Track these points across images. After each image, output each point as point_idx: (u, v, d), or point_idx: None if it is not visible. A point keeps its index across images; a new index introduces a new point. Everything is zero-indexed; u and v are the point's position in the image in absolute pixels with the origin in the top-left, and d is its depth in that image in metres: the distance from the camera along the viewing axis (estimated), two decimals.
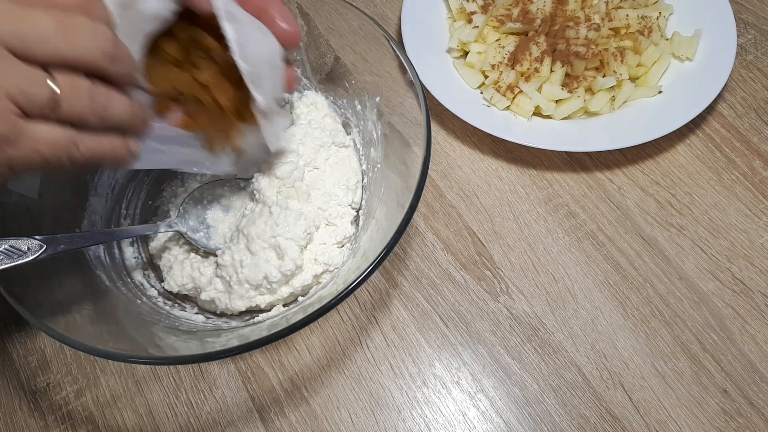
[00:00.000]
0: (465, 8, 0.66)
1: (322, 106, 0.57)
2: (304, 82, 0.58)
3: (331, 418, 0.49)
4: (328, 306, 0.39)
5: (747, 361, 0.50)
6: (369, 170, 0.55)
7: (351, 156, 0.56)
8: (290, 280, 0.49)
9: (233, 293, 0.48)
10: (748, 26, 0.68)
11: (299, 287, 0.49)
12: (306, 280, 0.49)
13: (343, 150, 0.55)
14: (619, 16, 0.63)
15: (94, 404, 0.50)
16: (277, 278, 0.47)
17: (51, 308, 0.42)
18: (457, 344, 0.52)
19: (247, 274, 0.47)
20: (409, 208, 0.42)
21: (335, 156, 0.54)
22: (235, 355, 0.51)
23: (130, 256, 0.53)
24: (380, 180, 0.53)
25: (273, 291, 0.48)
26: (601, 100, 0.60)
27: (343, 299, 0.40)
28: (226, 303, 0.49)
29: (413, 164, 0.45)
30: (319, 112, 0.56)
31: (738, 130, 0.62)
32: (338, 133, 0.55)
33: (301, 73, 0.58)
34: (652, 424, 0.48)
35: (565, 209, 0.58)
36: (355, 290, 0.40)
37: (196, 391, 0.50)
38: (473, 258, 0.55)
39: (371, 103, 0.54)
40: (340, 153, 0.55)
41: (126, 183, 0.56)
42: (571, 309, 0.53)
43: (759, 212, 0.57)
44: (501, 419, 0.49)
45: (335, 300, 0.39)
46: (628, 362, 0.50)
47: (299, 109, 0.56)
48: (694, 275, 0.54)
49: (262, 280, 0.47)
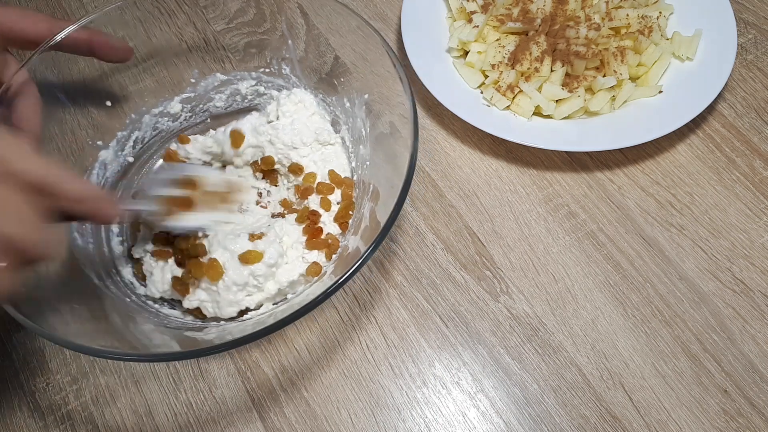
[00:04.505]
0: (465, 8, 0.65)
1: (311, 104, 0.57)
2: (293, 80, 0.59)
3: (330, 419, 0.49)
4: (317, 300, 0.39)
5: (747, 361, 0.50)
6: (358, 167, 0.55)
7: (339, 153, 0.56)
8: (275, 275, 0.49)
9: (221, 301, 0.48)
10: (748, 26, 0.68)
11: (285, 282, 0.49)
12: (293, 276, 0.49)
13: (329, 147, 0.56)
14: (620, 16, 0.63)
15: (93, 404, 0.50)
16: (263, 271, 0.48)
17: (38, 306, 0.42)
18: (457, 344, 0.52)
19: (232, 276, 0.48)
20: (395, 204, 0.42)
21: (319, 153, 0.55)
22: (221, 352, 0.50)
23: (119, 255, 0.53)
24: (369, 177, 0.53)
25: (260, 288, 0.49)
26: (601, 99, 0.60)
27: (332, 293, 0.40)
28: (216, 311, 0.49)
29: (401, 162, 0.45)
30: (307, 110, 0.56)
31: (738, 130, 0.62)
32: (324, 132, 0.55)
33: (290, 71, 0.58)
34: (652, 425, 0.48)
35: (565, 209, 0.58)
36: (342, 285, 0.40)
37: (196, 392, 0.50)
38: (473, 258, 0.55)
39: (360, 101, 0.54)
40: (325, 150, 0.55)
41: (116, 181, 0.56)
42: (572, 309, 0.53)
43: (759, 212, 0.57)
44: (501, 419, 0.49)
45: (324, 294, 0.40)
46: (629, 362, 0.50)
47: (285, 106, 0.56)
48: (694, 275, 0.54)
49: (248, 277, 0.48)
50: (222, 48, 0.60)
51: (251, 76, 0.60)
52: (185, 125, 0.60)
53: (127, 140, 0.57)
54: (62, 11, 0.72)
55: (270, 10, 0.58)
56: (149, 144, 0.59)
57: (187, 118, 0.60)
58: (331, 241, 0.52)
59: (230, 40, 0.60)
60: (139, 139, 0.58)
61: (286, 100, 0.56)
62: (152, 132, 0.59)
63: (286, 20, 0.57)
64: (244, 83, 0.60)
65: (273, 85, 0.60)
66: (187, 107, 0.60)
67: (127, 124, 0.57)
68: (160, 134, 0.59)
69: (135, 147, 0.58)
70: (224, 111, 0.61)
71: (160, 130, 0.59)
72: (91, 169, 0.54)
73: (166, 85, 0.59)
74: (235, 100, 0.61)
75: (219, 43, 0.60)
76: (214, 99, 0.60)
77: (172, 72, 0.59)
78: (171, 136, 0.60)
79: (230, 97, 0.60)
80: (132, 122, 0.57)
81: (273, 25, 0.58)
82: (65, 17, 0.72)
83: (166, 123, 0.59)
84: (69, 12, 0.72)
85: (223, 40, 0.60)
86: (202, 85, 0.59)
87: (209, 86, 0.60)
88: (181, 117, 0.60)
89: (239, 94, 0.60)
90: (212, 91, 0.60)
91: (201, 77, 0.59)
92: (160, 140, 0.59)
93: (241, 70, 0.60)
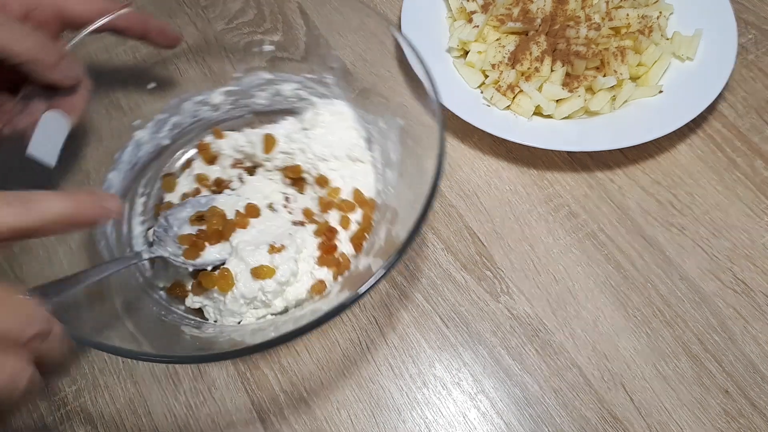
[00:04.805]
0: (465, 8, 0.65)
1: (349, 117, 0.55)
2: (336, 91, 0.57)
3: (330, 420, 0.49)
4: (332, 312, 0.38)
5: (749, 361, 0.50)
6: (383, 191, 0.54)
7: (368, 172, 0.55)
8: (285, 292, 0.49)
9: (224, 311, 0.48)
10: (748, 26, 0.68)
11: (293, 301, 0.49)
12: (300, 293, 0.49)
13: (359, 165, 0.54)
14: (620, 16, 0.63)
15: (92, 405, 0.50)
16: (272, 288, 0.47)
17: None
18: (458, 345, 0.52)
19: (242, 289, 0.47)
20: (406, 239, 0.40)
21: (349, 169, 0.54)
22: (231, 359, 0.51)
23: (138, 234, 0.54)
24: (391, 202, 0.52)
25: (268, 304, 0.48)
26: (601, 99, 0.60)
27: (347, 308, 0.39)
28: (217, 317, 0.49)
29: (420, 196, 0.43)
30: (344, 122, 0.55)
31: (739, 130, 0.62)
32: (356, 148, 0.54)
33: (333, 81, 0.57)
34: (653, 425, 0.48)
35: (565, 209, 0.58)
36: (358, 300, 0.39)
37: (195, 392, 0.50)
38: (474, 258, 0.55)
39: (394, 125, 0.53)
40: (354, 167, 0.54)
41: (149, 161, 0.56)
42: (572, 309, 0.53)
43: (760, 212, 0.57)
44: (502, 420, 0.49)
45: (340, 307, 0.38)
46: (630, 363, 0.50)
47: (323, 116, 0.55)
48: (695, 275, 0.54)
49: (257, 292, 0.47)
50: (283, 49, 0.59)
51: (295, 79, 0.59)
52: (225, 117, 0.60)
53: (165, 123, 0.57)
54: None
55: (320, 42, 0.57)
56: (187, 130, 0.59)
57: (228, 110, 0.60)
58: (342, 260, 0.50)
59: (284, 44, 0.60)
60: (177, 124, 0.58)
61: (325, 109, 0.55)
62: (191, 119, 0.59)
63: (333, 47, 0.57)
64: (288, 85, 0.59)
65: (315, 92, 0.58)
66: (229, 100, 0.60)
67: (167, 107, 0.57)
68: (199, 122, 0.59)
69: (173, 131, 0.58)
70: (265, 109, 0.60)
71: (199, 117, 0.59)
72: (125, 148, 0.55)
73: (211, 76, 0.59)
74: (277, 100, 0.60)
75: (281, 47, 0.60)
76: (256, 96, 0.60)
77: (217, 64, 0.59)
78: (210, 125, 0.60)
79: (272, 96, 0.60)
80: (172, 107, 0.57)
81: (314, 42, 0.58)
82: None
83: (206, 112, 0.59)
84: None
85: (279, 42, 0.60)
86: (246, 81, 0.59)
87: (253, 83, 0.59)
88: (222, 108, 0.60)
89: (281, 95, 0.60)
90: (255, 88, 0.59)
91: (246, 73, 0.59)
92: (199, 127, 0.59)
93: (288, 71, 0.59)
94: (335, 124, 0.55)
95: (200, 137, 0.59)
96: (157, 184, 0.57)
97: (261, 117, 0.60)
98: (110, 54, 0.53)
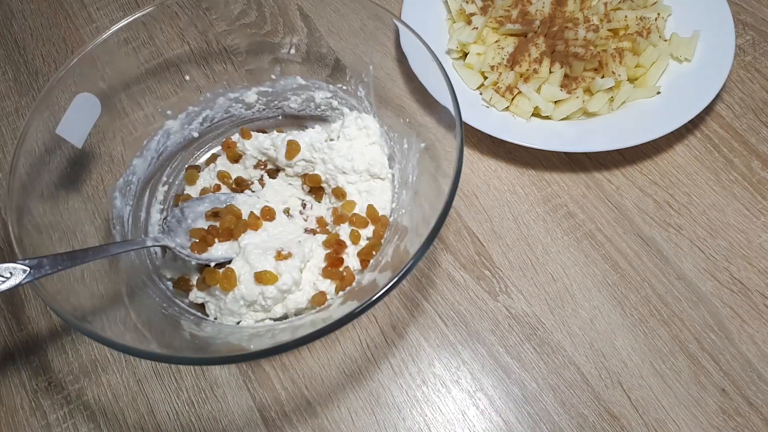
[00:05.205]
0: (464, 9, 0.66)
1: (374, 133, 0.56)
2: (365, 105, 0.58)
3: (331, 417, 0.49)
4: (343, 320, 0.38)
5: (745, 360, 0.50)
6: (396, 210, 0.54)
7: (385, 189, 0.55)
8: (285, 300, 0.49)
9: (224, 309, 0.49)
10: (746, 27, 0.69)
11: (293, 308, 0.49)
12: (300, 303, 0.49)
13: (377, 181, 0.55)
14: (618, 18, 0.63)
15: (95, 403, 0.50)
16: (273, 294, 0.48)
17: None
18: (457, 343, 0.52)
19: (243, 290, 0.48)
20: (411, 260, 0.40)
21: (367, 184, 0.54)
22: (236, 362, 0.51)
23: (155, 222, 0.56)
24: (403, 221, 0.52)
25: (267, 309, 0.49)
26: (599, 100, 0.60)
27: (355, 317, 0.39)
28: (217, 314, 0.49)
29: (432, 216, 0.43)
30: (369, 138, 0.56)
31: (736, 131, 0.62)
32: (377, 164, 0.54)
33: (364, 94, 0.57)
34: (650, 423, 0.48)
35: (563, 209, 0.58)
36: (367, 309, 0.39)
37: (198, 390, 0.51)
38: (472, 258, 0.56)
39: (416, 147, 0.53)
40: (373, 183, 0.55)
41: (175, 152, 0.58)
42: (570, 308, 0.53)
43: (757, 212, 0.57)
44: (500, 418, 0.49)
45: (349, 316, 0.38)
46: (627, 361, 0.51)
47: (349, 129, 0.56)
48: (692, 275, 0.54)
49: (257, 296, 0.48)
50: (318, 59, 0.60)
51: (329, 88, 0.60)
52: (257, 116, 0.61)
53: (196, 116, 0.59)
54: (64, 12, 0.73)
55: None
56: (217, 125, 0.60)
57: (260, 110, 0.61)
58: (347, 275, 0.51)
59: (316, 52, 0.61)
60: (208, 118, 0.59)
61: (352, 122, 0.56)
62: (223, 114, 0.60)
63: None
64: (320, 93, 0.60)
65: (346, 103, 0.59)
66: (262, 100, 0.61)
67: (201, 101, 0.58)
68: (230, 118, 0.60)
69: (203, 124, 0.59)
70: (297, 113, 0.62)
71: (231, 114, 0.60)
72: (154, 135, 0.56)
73: (247, 75, 0.60)
74: (309, 106, 0.61)
75: (313, 53, 0.60)
76: (289, 99, 0.61)
77: (256, 64, 0.60)
78: (241, 122, 0.61)
79: (305, 102, 0.61)
80: (206, 100, 0.59)
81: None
82: (67, 18, 0.72)
83: (239, 109, 0.60)
84: (71, 13, 0.73)
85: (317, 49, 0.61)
86: (281, 84, 0.60)
87: (288, 86, 0.60)
88: (255, 107, 0.61)
89: (313, 102, 0.60)
90: (289, 92, 0.60)
91: (282, 76, 0.60)
92: (230, 123, 0.61)
93: (318, 79, 0.60)
94: (361, 138, 0.55)
95: (228, 134, 0.60)
96: (180, 175, 0.58)
97: (291, 121, 0.61)
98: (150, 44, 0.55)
